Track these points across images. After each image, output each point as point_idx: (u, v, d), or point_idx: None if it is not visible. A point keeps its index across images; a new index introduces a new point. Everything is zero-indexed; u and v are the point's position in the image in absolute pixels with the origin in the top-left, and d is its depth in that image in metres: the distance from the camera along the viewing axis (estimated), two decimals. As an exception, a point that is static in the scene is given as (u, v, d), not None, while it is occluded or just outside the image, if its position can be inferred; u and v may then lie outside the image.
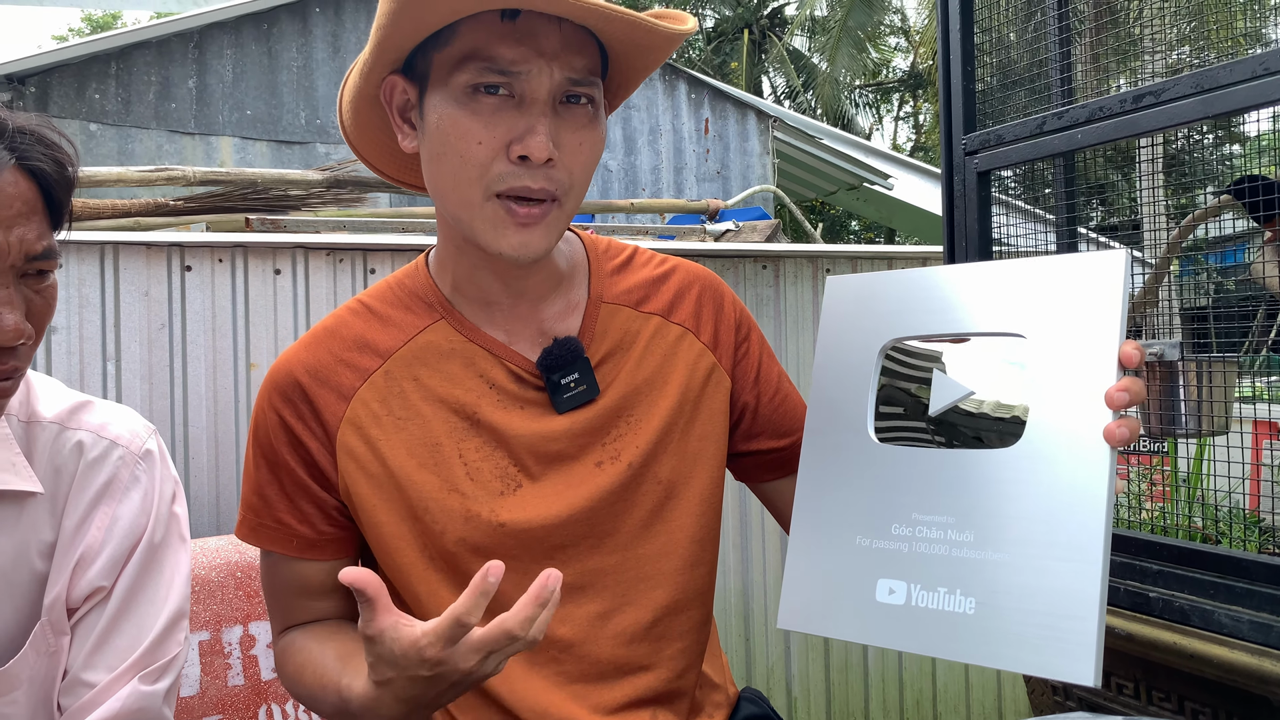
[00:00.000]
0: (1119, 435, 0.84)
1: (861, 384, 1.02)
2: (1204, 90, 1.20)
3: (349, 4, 7.42)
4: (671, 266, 1.22)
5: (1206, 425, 1.37)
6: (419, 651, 0.85)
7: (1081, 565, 0.83)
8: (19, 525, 1.08)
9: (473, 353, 1.10)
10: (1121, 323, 0.86)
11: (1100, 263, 0.89)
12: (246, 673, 1.83)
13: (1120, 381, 0.85)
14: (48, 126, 0.99)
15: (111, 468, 1.13)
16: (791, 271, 2.85)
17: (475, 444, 1.08)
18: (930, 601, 0.91)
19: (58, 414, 1.12)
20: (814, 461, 1.05)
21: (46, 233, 0.98)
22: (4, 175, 0.92)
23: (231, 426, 2.29)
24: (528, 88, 0.97)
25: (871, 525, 0.97)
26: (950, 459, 0.94)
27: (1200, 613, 1.26)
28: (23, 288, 0.97)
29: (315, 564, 1.12)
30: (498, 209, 0.99)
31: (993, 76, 1.87)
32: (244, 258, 2.31)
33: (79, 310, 2.17)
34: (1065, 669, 0.82)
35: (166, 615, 1.14)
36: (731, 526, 2.75)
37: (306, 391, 1.09)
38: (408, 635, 0.85)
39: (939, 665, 3.00)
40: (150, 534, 1.14)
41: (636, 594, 1.13)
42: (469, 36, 0.96)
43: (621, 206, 4.17)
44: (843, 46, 18.42)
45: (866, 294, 1.05)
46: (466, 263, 1.09)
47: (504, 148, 0.97)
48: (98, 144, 6.58)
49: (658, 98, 8.22)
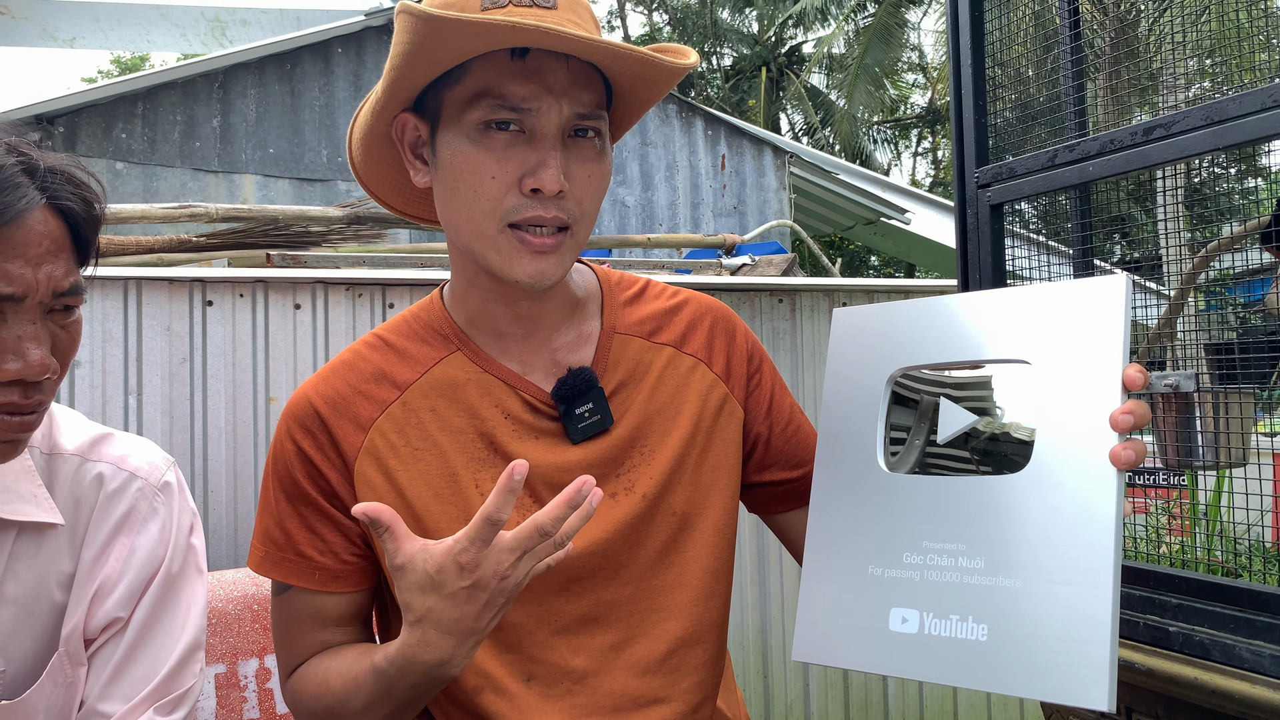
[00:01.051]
0: (1124, 458, 0.85)
1: (870, 414, 1.03)
2: (1214, 122, 1.21)
3: (370, 44, 7.54)
4: (684, 299, 1.24)
5: (1224, 457, 1.36)
6: (454, 559, 0.87)
7: (1092, 589, 0.83)
8: (39, 556, 1.09)
9: (488, 383, 1.11)
10: (1124, 346, 0.87)
11: (1102, 288, 0.90)
12: (262, 705, 1.83)
13: (1125, 404, 0.86)
14: (76, 166, 1.01)
15: (131, 499, 1.14)
16: (807, 305, 2.85)
17: (492, 474, 1.09)
18: (943, 629, 0.91)
19: (79, 446, 1.14)
20: (825, 492, 1.05)
21: (73, 270, 1.00)
22: (34, 214, 0.94)
23: (250, 459, 2.30)
24: (538, 123, 1.00)
25: (883, 554, 0.97)
26: (959, 486, 0.94)
27: (1221, 647, 1.25)
28: (49, 323, 0.99)
29: (335, 597, 1.12)
30: (511, 239, 1.02)
31: (1009, 111, 1.88)
32: (264, 293, 2.33)
33: (102, 344, 2.19)
34: (1079, 694, 0.81)
35: (183, 646, 1.14)
36: (749, 562, 2.74)
37: (325, 422, 1.10)
38: (439, 549, 0.88)
39: (960, 704, 2.96)
40: (168, 565, 1.15)
41: (650, 625, 1.13)
42: (480, 75, 0.99)
43: (638, 241, 4.19)
44: (860, 83, 18.51)
45: (873, 326, 1.07)
46: (479, 294, 1.11)
47: (516, 181, 1.00)
48: (124, 182, 6.68)
49: (674, 134, 8.28)
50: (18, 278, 0.93)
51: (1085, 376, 0.88)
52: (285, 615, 1.14)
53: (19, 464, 1.08)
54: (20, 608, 1.08)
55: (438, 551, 0.88)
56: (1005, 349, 0.95)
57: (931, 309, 1.02)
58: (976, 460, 0.96)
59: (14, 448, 1.01)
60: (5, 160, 0.93)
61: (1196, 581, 1.31)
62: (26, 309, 0.95)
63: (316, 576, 1.10)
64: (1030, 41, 2.02)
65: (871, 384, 1.04)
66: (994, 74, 1.67)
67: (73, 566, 1.11)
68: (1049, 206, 2.22)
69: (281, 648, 1.15)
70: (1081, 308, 0.90)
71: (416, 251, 3.26)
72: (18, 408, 0.97)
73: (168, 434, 2.23)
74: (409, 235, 6.70)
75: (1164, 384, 1.30)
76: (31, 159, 0.96)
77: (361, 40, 7.53)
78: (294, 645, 1.14)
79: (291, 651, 1.14)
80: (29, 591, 1.08)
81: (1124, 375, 0.86)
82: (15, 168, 0.93)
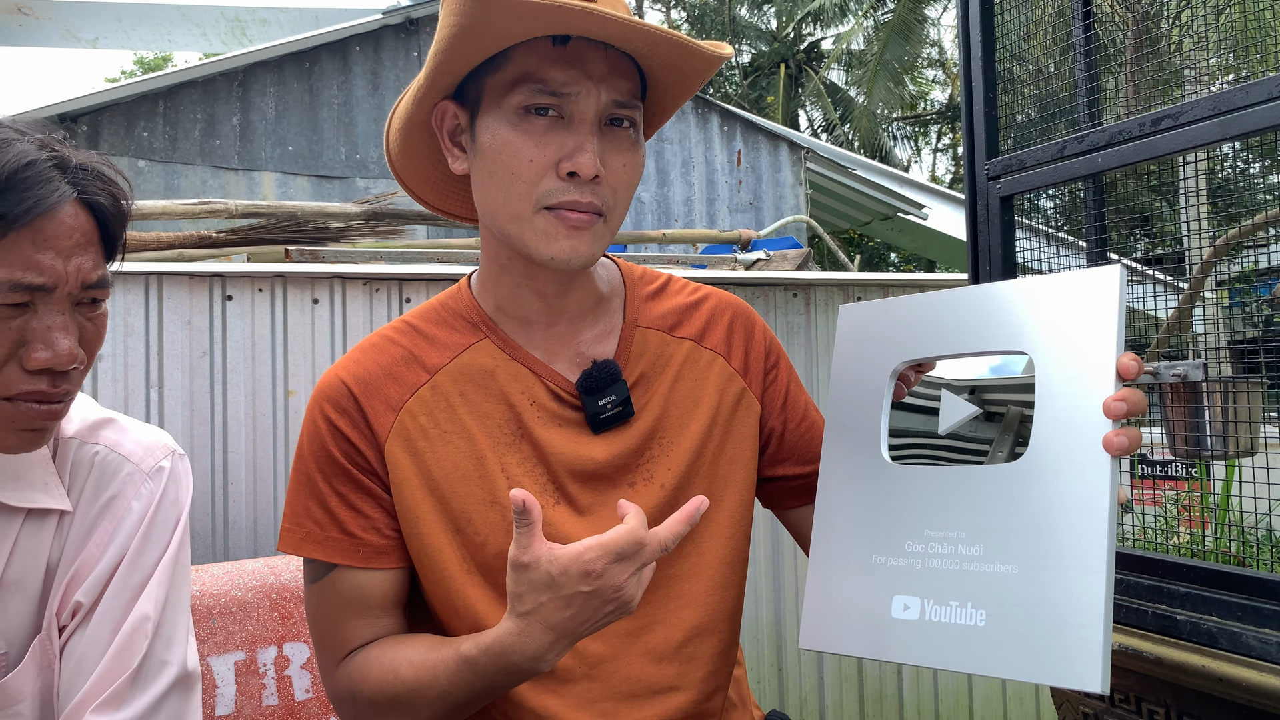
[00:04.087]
0: (1117, 444, 0.86)
1: (874, 406, 1.05)
2: (1222, 112, 1.21)
3: (388, 42, 7.58)
4: (705, 294, 1.26)
5: (1233, 447, 1.36)
6: (581, 565, 0.90)
7: (1085, 574, 0.85)
8: (42, 541, 1.10)
9: (515, 370, 1.13)
10: (1118, 334, 0.88)
11: (1096, 278, 0.91)
12: (280, 693, 1.85)
13: (1119, 391, 0.87)
14: (105, 163, 1.03)
15: (118, 484, 1.14)
16: (822, 300, 2.86)
17: (517, 458, 1.11)
18: (943, 615, 0.92)
19: (79, 430, 1.15)
20: (831, 483, 1.07)
21: (101, 263, 1.02)
22: (65, 208, 0.96)
23: (269, 452, 2.33)
24: (576, 108, 1.02)
25: (886, 543, 0.99)
26: (960, 475, 0.96)
27: (1228, 635, 1.25)
28: (77, 315, 1.01)
29: (380, 574, 1.11)
30: (548, 218, 1.04)
31: (1022, 103, 1.88)
32: (283, 287, 2.36)
33: (124, 338, 2.23)
34: (1073, 677, 0.83)
35: (134, 618, 1.09)
36: (763, 555, 2.75)
37: (359, 400, 1.11)
38: (566, 555, 0.90)
39: (976, 698, 2.97)
40: (135, 549, 1.11)
41: (666, 613, 1.14)
42: (521, 61, 1.02)
43: (654, 237, 4.20)
44: (880, 79, 18.45)
45: (876, 321, 1.09)
46: (509, 281, 1.13)
47: (554, 165, 1.03)
48: (145, 180, 6.74)
49: (690, 130, 8.29)
50: (49, 269, 0.95)
51: (1081, 365, 0.90)
52: (327, 600, 1.12)
53: (35, 451, 1.09)
54: (21, 591, 1.09)
55: (564, 557, 0.90)
56: (1003, 340, 0.96)
57: (932, 303, 1.03)
58: (977, 450, 0.97)
59: (40, 436, 1.02)
60: (38, 155, 0.95)
61: (1204, 570, 1.32)
62: (56, 300, 0.97)
63: (361, 553, 1.10)
64: (1042, 33, 2.02)
65: (875, 377, 1.06)
66: (1005, 68, 1.67)
67: (61, 549, 1.11)
68: (1070, 200, 2.21)
69: (325, 636, 1.13)
70: (1077, 298, 0.92)
71: (433, 247, 3.28)
72: (46, 396, 0.99)
73: (188, 427, 2.27)
74: (426, 232, 6.73)
75: (1172, 374, 1.30)
76: (63, 155, 0.98)
77: (379, 39, 7.57)
78: (340, 632, 1.12)
79: (338, 639, 1.12)
80: (30, 575, 1.09)
81: (1118, 363, 0.88)
82: (47, 163, 0.96)
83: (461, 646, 0.99)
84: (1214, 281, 2.14)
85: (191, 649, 1.16)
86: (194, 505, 2.23)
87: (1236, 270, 2.37)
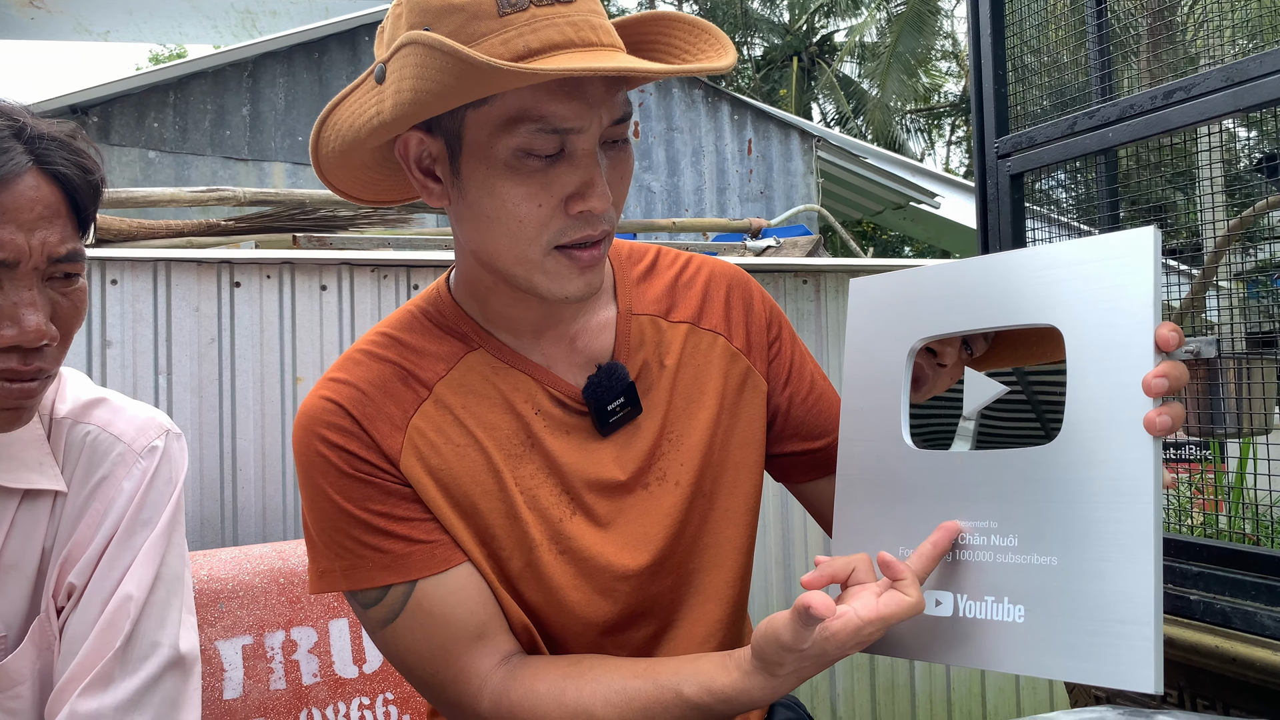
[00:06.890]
0: (1160, 424, 0.79)
1: (894, 388, 0.98)
2: (1234, 84, 1.19)
3: (399, 34, 7.57)
4: (697, 266, 1.20)
5: (1247, 425, 1.34)
6: (859, 638, 0.85)
7: (1132, 565, 0.78)
8: (38, 522, 1.08)
9: (516, 378, 1.08)
10: (1156, 303, 0.80)
11: (1129, 241, 0.83)
12: (288, 677, 1.85)
13: (1158, 367, 0.79)
14: (75, 134, 1.00)
15: (109, 464, 1.11)
16: (832, 286, 2.84)
17: (529, 470, 1.06)
18: (978, 611, 0.87)
19: (71, 409, 1.12)
20: (850, 471, 1.02)
21: (71, 236, 0.98)
22: (25, 179, 0.93)
23: (278, 438, 2.33)
24: (579, 142, 0.93)
25: (913, 534, 0.93)
26: (989, 460, 0.89)
27: (1242, 614, 1.23)
28: (48, 290, 0.98)
29: (465, 571, 1.04)
30: (559, 260, 0.97)
31: (1034, 94, 1.86)
32: (291, 274, 2.36)
33: (133, 325, 2.23)
34: (1124, 676, 0.77)
35: (118, 598, 1.06)
36: (773, 543, 2.73)
37: (361, 423, 1.02)
38: (846, 628, 0.84)
39: (989, 687, 2.95)
40: (125, 529, 1.09)
41: (688, 610, 1.13)
42: (514, 97, 0.91)
43: (664, 226, 4.19)
44: (893, 72, 18.37)
45: (892, 295, 1.01)
46: (499, 301, 1.07)
47: (561, 204, 0.95)
48: (156, 171, 6.76)
49: (700, 119, 8.26)
50: (9, 243, 0.92)
51: (1115, 338, 0.82)
52: (421, 629, 1.02)
53: (28, 432, 1.07)
54: (19, 573, 1.07)
55: (842, 633, 0.84)
56: (1031, 313, 0.88)
57: (952, 273, 0.96)
58: (1007, 431, 0.93)
59: (17, 415, 1.00)
60: None
61: (1217, 549, 1.30)
62: (22, 275, 0.94)
63: (439, 555, 1.02)
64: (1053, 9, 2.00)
65: (893, 356, 0.99)
66: (1015, 57, 1.65)
67: (55, 530, 1.09)
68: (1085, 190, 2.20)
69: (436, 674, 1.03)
70: (1108, 264, 0.84)
71: (442, 234, 3.28)
72: (17, 374, 0.96)
73: (197, 413, 2.27)
74: (435, 220, 6.74)
75: (1184, 351, 1.28)
76: (20, 123, 0.95)
77: (390, 30, 7.57)
78: (456, 663, 1.02)
79: (455, 671, 1.02)
80: (26, 557, 1.07)
81: (1156, 335, 0.80)
82: (3, 130, 0.93)
83: (684, 690, 0.94)
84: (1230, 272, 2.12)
85: (188, 630, 1.13)
86: (202, 491, 2.24)
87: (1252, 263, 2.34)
